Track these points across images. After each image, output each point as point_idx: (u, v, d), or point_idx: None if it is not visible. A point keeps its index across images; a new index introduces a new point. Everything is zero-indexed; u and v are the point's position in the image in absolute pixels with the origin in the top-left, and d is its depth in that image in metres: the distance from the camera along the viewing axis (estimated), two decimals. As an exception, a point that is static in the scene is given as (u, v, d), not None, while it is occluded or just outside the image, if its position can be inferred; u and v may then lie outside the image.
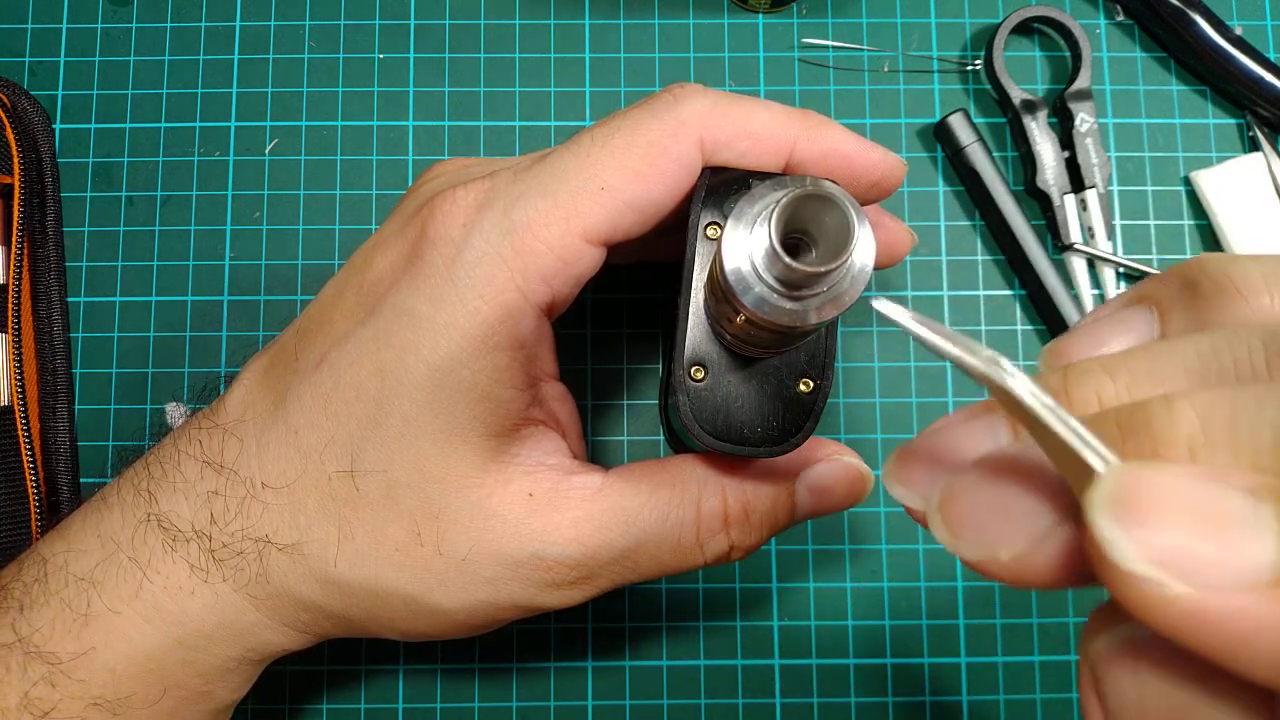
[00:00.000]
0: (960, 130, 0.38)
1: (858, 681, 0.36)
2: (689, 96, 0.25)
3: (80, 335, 0.38)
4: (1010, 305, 0.38)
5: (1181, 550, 0.11)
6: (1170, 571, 0.11)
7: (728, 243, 0.22)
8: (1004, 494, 0.14)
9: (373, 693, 0.36)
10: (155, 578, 0.26)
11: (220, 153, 0.39)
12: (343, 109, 0.39)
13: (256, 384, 0.27)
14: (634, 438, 0.38)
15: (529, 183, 0.25)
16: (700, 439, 0.25)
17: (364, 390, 0.25)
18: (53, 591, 0.26)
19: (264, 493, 0.26)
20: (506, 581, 0.26)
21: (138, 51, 0.39)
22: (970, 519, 0.14)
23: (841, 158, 0.26)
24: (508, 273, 0.24)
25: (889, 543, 0.37)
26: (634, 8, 0.40)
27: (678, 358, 0.25)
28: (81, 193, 0.39)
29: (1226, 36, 0.38)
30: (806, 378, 0.26)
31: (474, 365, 0.25)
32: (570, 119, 0.39)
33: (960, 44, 0.40)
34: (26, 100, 0.38)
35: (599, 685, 0.36)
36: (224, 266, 0.38)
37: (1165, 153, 0.39)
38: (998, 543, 0.14)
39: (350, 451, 0.25)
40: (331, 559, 0.26)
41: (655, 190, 0.25)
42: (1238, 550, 0.11)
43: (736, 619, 0.37)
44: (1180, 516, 0.11)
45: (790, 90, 0.39)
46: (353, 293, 0.27)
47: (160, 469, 0.27)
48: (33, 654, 0.26)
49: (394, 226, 0.27)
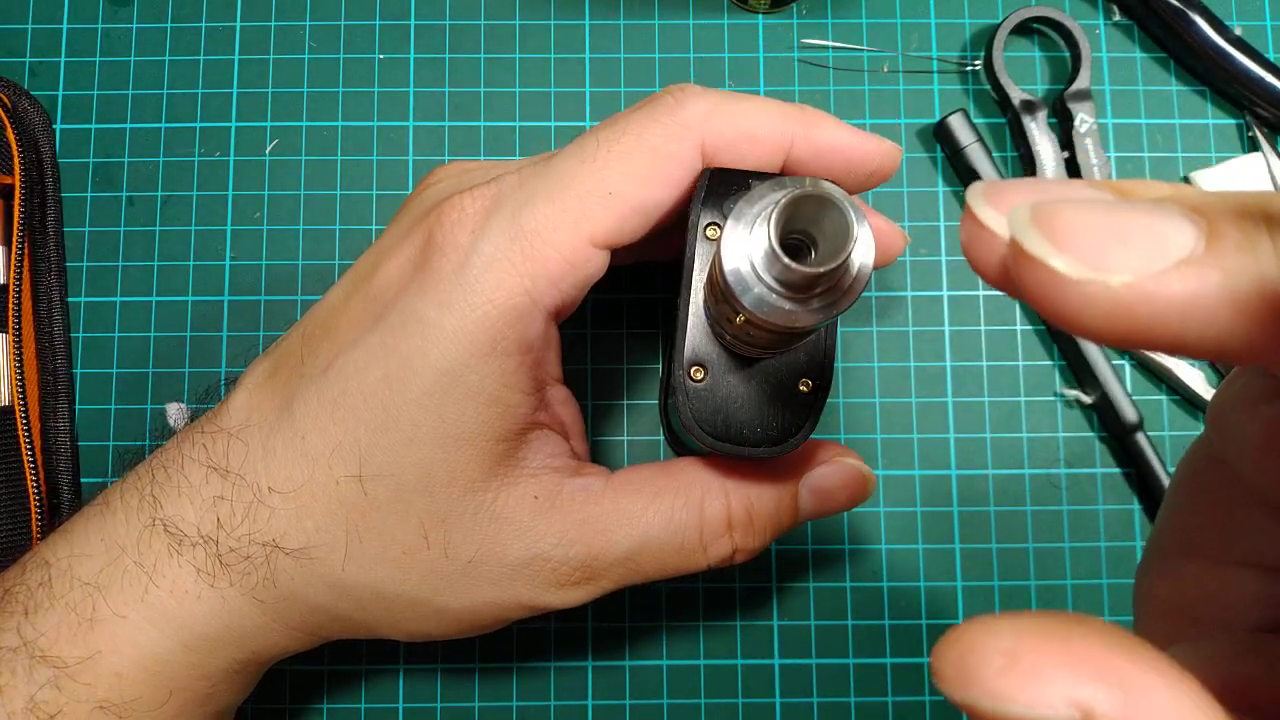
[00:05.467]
0: (960, 130, 0.38)
1: (858, 681, 0.36)
2: (690, 99, 0.26)
3: (81, 335, 0.38)
4: (1010, 305, 0.38)
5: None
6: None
7: (727, 243, 0.22)
8: (1129, 220, 0.12)
9: (373, 693, 0.36)
10: (161, 582, 0.26)
11: (221, 153, 0.39)
12: (343, 109, 0.39)
13: (261, 388, 0.28)
14: (634, 438, 0.38)
15: (535, 187, 0.25)
16: (700, 439, 0.25)
17: (372, 396, 0.25)
18: (57, 595, 0.26)
19: (271, 497, 0.26)
20: (512, 582, 0.27)
21: (138, 51, 0.39)
22: (1080, 228, 0.12)
23: (838, 151, 0.26)
24: (516, 277, 0.24)
25: (889, 543, 0.37)
26: (634, 8, 0.40)
27: (678, 358, 0.25)
28: (82, 193, 0.39)
29: (1226, 36, 0.38)
30: (806, 378, 0.26)
31: (482, 370, 0.25)
32: (570, 119, 0.39)
33: (960, 44, 0.40)
34: (27, 100, 0.38)
35: (599, 685, 0.36)
36: (224, 267, 0.38)
37: (1165, 153, 0.39)
38: (1111, 262, 0.12)
39: (358, 456, 0.26)
40: (339, 563, 0.26)
41: (660, 194, 0.25)
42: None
43: (736, 619, 0.37)
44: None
45: (790, 90, 0.39)
46: (359, 298, 0.27)
47: (164, 473, 0.27)
48: (38, 658, 0.26)
49: (399, 232, 0.27)
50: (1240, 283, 0.12)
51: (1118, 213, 0.12)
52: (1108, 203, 0.13)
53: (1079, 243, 0.12)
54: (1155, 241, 0.12)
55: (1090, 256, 0.12)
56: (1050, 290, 0.12)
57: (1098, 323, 0.12)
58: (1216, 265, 0.12)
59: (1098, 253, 0.12)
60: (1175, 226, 0.12)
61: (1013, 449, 0.38)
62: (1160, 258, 0.12)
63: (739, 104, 0.26)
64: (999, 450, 0.38)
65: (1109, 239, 0.12)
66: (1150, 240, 0.12)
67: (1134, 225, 0.12)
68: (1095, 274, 0.12)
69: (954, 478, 0.37)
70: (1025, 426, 0.38)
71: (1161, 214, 0.12)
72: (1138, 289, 0.12)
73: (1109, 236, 0.12)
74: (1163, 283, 0.12)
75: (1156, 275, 0.12)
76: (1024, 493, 0.37)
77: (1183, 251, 0.12)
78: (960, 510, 0.37)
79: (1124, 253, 0.12)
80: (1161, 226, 0.12)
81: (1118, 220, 0.12)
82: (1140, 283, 0.12)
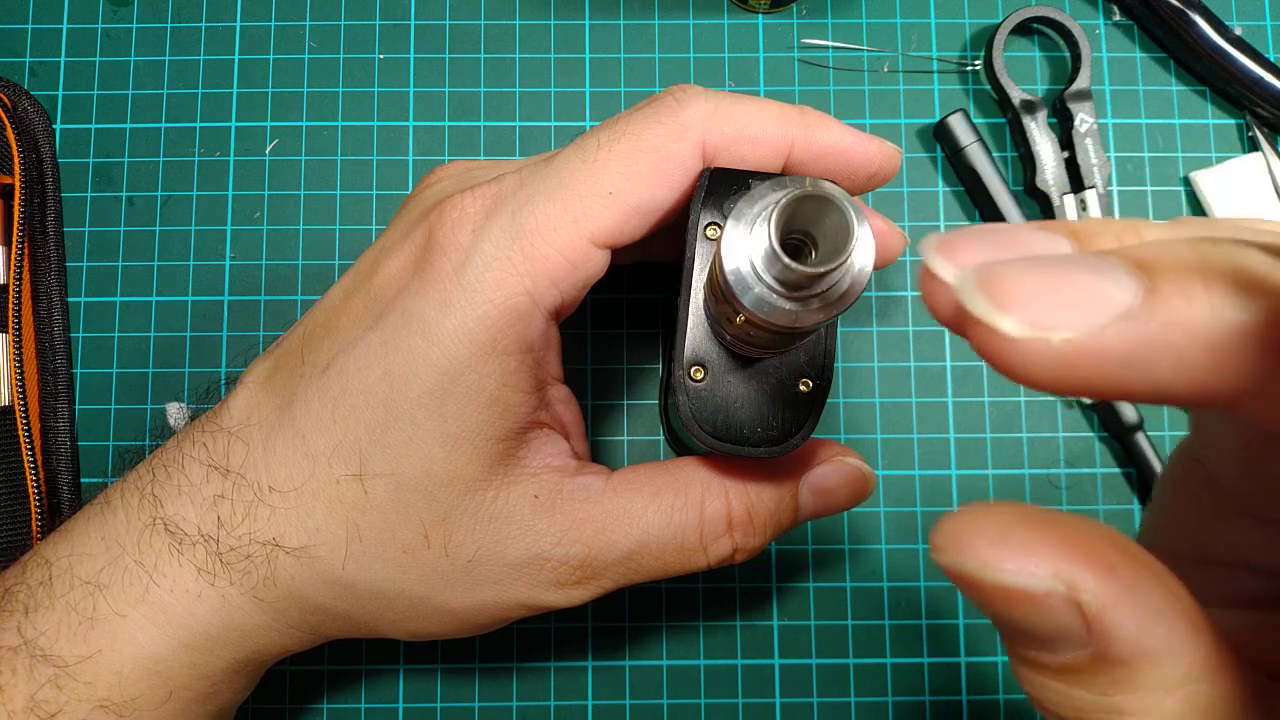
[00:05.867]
0: (960, 130, 0.38)
1: (858, 681, 0.36)
2: (691, 100, 0.26)
3: (81, 335, 0.38)
4: (1010, 305, 0.38)
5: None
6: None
7: (727, 243, 0.22)
8: (1070, 280, 0.13)
9: (373, 693, 0.36)
10: (162, 581, 0.26)
11: (221, 153, 0.39)
12: (343, 109, 0.39)
13: (261, 388, 0.28)
14: (634, 438, 0.38)
15: (536, 187, 0.25)
16: (700, 439, 0.25)
17: (372, 395, 0.25)
18: (58, 594, 0.26)
19: (271, 496, 0.26)
20: (512, 582, 0.27)
21: (138, 52, 0.39)
22: (1022, 290, 0.13)
23: (839, 153, 0.26)
24: (517, 277, 0.24)
25: (889, 543, 0.37)
26: (634, 8, 0.40)
27: (678, 358, 0.25)
28: (82, 193, 0.39)
29: (1226, 36, 0.38)
30: (806, 378, 0.26)
31: (482, 370, 0.25)
32: (570, 119, 0.39)
33: (960, 44, 0.40)
34: (27, 100, 0.38)
35: (599, 685, 0.36)
36: (224, 267, 0.38)
37: (1165, 153, 0.39)
38: (1053, 321, 0.12)
39: (358, 455, 0.26)
40: (340, 562, 0.26)
41: (660, 194, 0.25)
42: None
43: (736, 619, 0.37)
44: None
45: (790, 90, 0.39)
46: (360, 297, 0.27)
47: (165, 472, 0.27)
48: (39, 657, 0.26)
49: (400, 231, 0.27)
50: (1175, 335, 0.12)
51: (1061, 271, 0.13)
52: (1052, 261, 0.13)
53: (1021, 304, 0.12)
54: (1095, 298, 0.12)
55: (1032, 316, 0.12)
56: (996, 348, 0.13)
57: (1043, 377, 0.13)
58: (1152, 319, 0.12)
59: (1039, 312, 0.12)
60: (1115, 282, 0.12)
61: (1013, 449, 0.38)
62: (1100, 314, 0.12)
63: (740, 105, 0.26)
64: (999, 450, 0.38)
65: (1050, 299, 0.12)
66: (1090, 297, 0.12)
67: (1075, 283, 0.13)
68: (1036, 333, 0.12)
69: (954, 478, 0.37)
70: (1025, 426, 0.38)
71: (1103, 270, 0.13)
72: (1077, 345, 0.12)
73: (1050, 296, 0.12)
74: (1101, 338, 0.12)
75: (1096, 331, 0.12)
76: (1024, 493, 0.37)
77: (1120, 307, 0.12)
78: (960, 510, 0.37)
79: (1065, 311, 0.12)
80: (1100, 284, 0.12)
81: (1059, 280, 0.13)
82: (1080, 339, 0.12)
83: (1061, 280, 0.13)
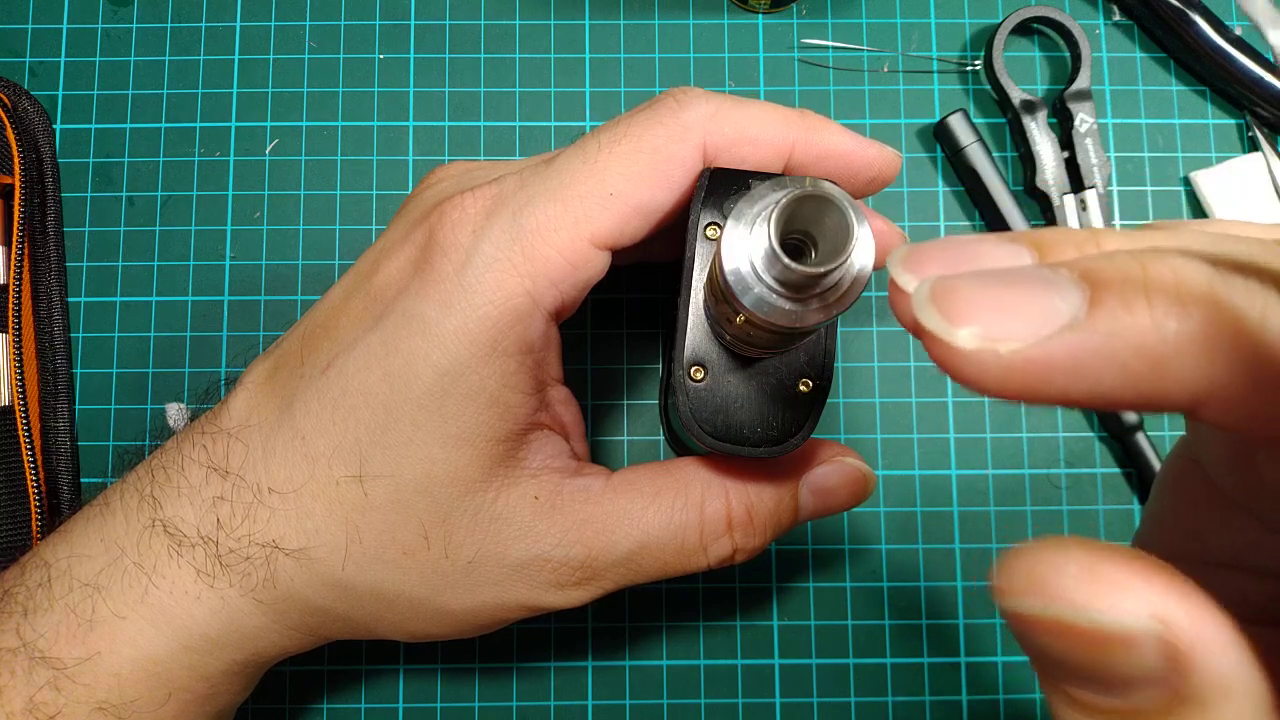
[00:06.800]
0: (960, 130, 0.38)
1: (858, 681, 0.36)
2: (692, 102, 0.26)
3: (80, 335, 0.38)
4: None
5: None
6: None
7: (727, 243, 0.22)
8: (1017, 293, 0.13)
9: (373, 693, 0.36)
10: (161, 583, 0.26)
11: (221, 153, 0.39)
12: (343, 109, 0.39)
13: (261, 389, 0.27)
14: (634, 438, 0.38)
15: (537, 188, 0.25)
16: (700, 439, 0.25)
17: (372, 396, 0.25)
18: (57, 596, 0.26)
19: (271, 498, 0.26)
20: (513, 583, 0.27)
21: (138, 51, 0.39)
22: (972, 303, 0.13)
23: (839, 157, 0.26)
24: (517, 278, 0.24)
25: (889, 543, 0.37)
26: (634, 8, 0.40)
27: (678, 358, 0.25)
28: (82, 193, 0.39)
29: (1226, 36, 0.38)
30: (806, 378, 0.26)
31: (483, 370, 0.25)
32: (570, 119, 0.39)
33: (960, 44, 0.40)
34: (27, 100, 0.38)
35: (599, 685, 0.36)
36: (224, 267, 0.38)
37: (1165, 153, 0.39)
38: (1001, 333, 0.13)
39: (358, 456, 0.26)
40: (339, 563, 0.26)
41: (661, 195, 0.25)
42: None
43: (736, 619, 0.37)
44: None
45: (790, 91, 0.39)
46: (360, 298, 0.27)
47: (164, 474, 0.27)
48: (37, 659, 0.26)
49: (400, 232, 0.27)
50: (1117, 345, 0.13)
51: (1009, 284, 0.13)
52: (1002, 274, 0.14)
53: (970, 316, 0.13)
54: (1041, 310, 0.13)
55: (982, 327, 0.13)
56: (947, 357, 0.13)
57: (993, 385, 0.13)
58: (1095, 329, 0.13)
59: (988, 324, 0.13)
60: (1062, 294, 0.13)
61: (1013, 449, 0.38)
62: (1045, 325, 0.13)
63: (741, 108, 0.26)
64: (999, 450, 0.38)
65: (999, 311, 0.13)
66: (1036, 309, 0.13)
67: (1023, 296, 0.13)
68: (985, 344, 0.13)
69: (954, 478, 0.37)
70: (1025, 426, 0.38)
71: (1050, 282, 0.13)
72: (1023, 355, 0.13)
73: (999, 309, 0.13)
74: (1046, 348, 0.13)
75: (1041, 341, 0.13)
76: (1024, 492, 0.37)
77: (1065, 318, 0.13)
78: (960, 510, 0.37)
79: (1012, 323, 0.13)
80: (1047, 296, 0.13)
81: (1008, 293, 0.13)
82: (1026, 350, 0.13)
83: (1009, 293, 0.13)
